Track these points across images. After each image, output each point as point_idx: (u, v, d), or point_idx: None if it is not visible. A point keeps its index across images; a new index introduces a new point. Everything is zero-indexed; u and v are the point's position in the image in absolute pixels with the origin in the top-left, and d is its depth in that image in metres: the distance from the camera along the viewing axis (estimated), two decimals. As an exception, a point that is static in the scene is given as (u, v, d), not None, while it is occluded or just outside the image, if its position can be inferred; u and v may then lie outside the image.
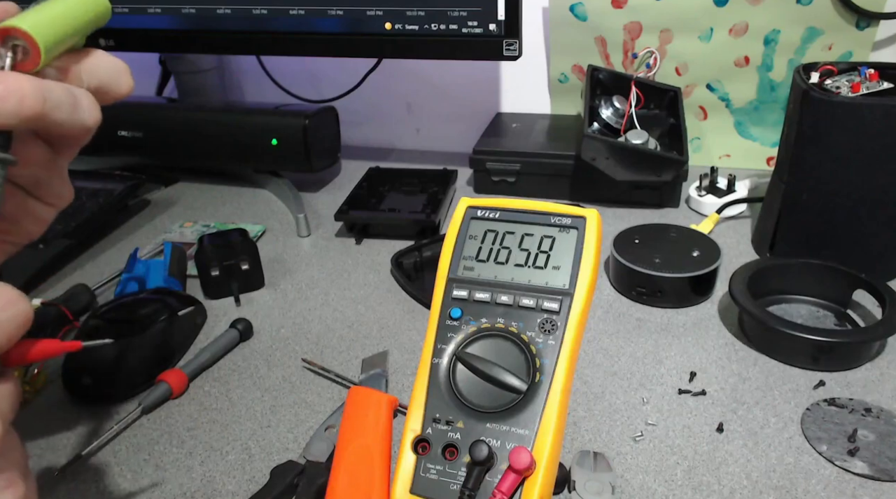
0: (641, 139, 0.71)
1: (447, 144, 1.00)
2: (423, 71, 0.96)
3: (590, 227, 0.38)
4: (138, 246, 0.71)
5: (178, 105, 0.91)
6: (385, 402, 0.46)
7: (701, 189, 0.77)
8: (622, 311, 0.60)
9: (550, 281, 0.37)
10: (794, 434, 0.46)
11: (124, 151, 0.88)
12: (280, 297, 0.64)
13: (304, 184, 0.87)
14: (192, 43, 0.83)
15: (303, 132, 0.80)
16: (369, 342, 0.57)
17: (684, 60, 0.84)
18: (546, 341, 0.36)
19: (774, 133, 0.85)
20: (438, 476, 0.34)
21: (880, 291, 0.54)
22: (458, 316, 0.38)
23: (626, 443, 0.46)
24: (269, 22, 0.77)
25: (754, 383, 0.51)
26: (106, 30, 0.83)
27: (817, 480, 0.42)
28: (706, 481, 0.43)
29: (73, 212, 0.73)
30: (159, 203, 0.85)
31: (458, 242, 0.39)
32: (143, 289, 0.61)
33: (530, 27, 0.88)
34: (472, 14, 0.71)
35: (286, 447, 0.47)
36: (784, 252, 0.64)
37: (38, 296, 0.64)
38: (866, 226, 0.59)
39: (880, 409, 0.47)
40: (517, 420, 0.34)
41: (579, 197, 0.79)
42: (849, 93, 0.58)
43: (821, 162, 0.59)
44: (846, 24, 0.77)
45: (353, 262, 0.70)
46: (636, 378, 0.52)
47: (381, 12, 0.74)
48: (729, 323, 0.58)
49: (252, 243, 0.65)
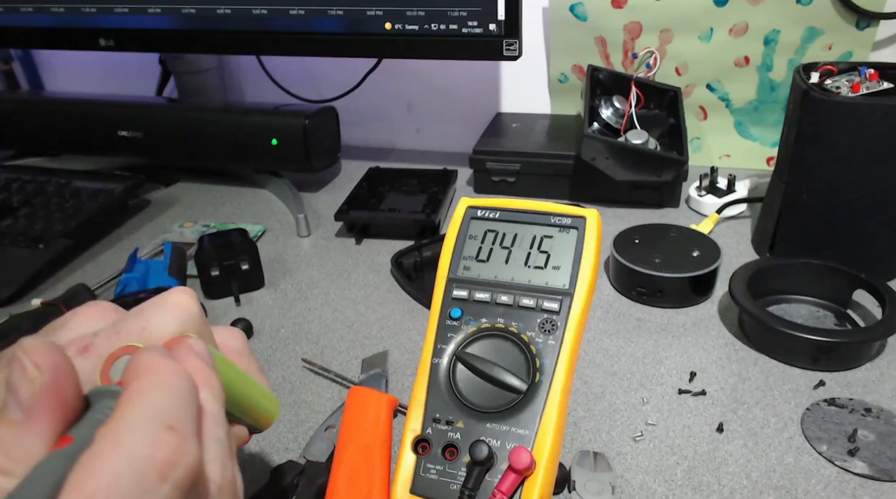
0: (641, 139, 0.71)
1: (447, 144, 1.00)
2: (423, 71, 0.96)
3: (590, 227, 0.38)
4: (138, 246, 0.71)
5: (178, 105, 0.91)
6: (385, 402, 0.46)
7: (701, 189, 0.77)
8: (622, 311, 0.60)
9: (550, 281, 0.37)
10: (794, 434, 0.46)
11: (124, 151, 0.88)
12: (280, 297, 0.64)
13: (304, 184, 0.88)
14: (192, 43, 0.83)
15: (303, 132, 0.80)
16: (369, 342, 0.57)
17: (684, 60, 0.84)
18: (546, 341, 0.36)
19: (774, 133, 0.85)
20: (438, 476, 0.34)
21: (880, 291, 0.54)
22: (458, 316, 0.38)
23: (626, 443, 0.46)
24: (269, 22, 0.77)
25: (754, 383, 0.51)
26: (106, 30, 0.83)
27: (817, 480, 0.42)
28: (706, 481, 0.43)
29: (73, 212, 0.73)
30: (159, 203, 0.85)
31: (458, 242, 0.39)
32: (143, 289, 0.61)
33: (530, 27, 0.88)
34: (472, 14, 0.71)
35: (286, 447, 0.47)
36: (784, 252, 0.64)
37: (38, 296, 0.64)
38: (866, 226, 0.59)
39: (880, 409, 0.47)
40: (517, 420, 0.34)
41: (579, 197, 0.79)
42: (849, 93, 0.58)
43: (821, 162, 0.59)
44: (846, 24, 0.77)
45: (353, 262, 0.70)
46: (636, 378, 0.52)
47: (381, 12, 0.74)
48: (729, 323, 0.58)
49: (252, 243, 0.65)
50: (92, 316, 0.28)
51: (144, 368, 0.22)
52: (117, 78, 1.07)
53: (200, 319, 0.28)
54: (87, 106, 0.90)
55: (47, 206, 0.75)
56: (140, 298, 0.58)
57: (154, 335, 0.26)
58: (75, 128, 0.90)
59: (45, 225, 0.71)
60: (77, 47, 0.86)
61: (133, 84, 1.03)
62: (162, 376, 0.22)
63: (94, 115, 0.89)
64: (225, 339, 0.32)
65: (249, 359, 0.33)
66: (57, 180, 0.80)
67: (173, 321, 0.27)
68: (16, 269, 0.66)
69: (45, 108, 0.92)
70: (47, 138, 0.92)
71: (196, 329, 0.28)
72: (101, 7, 0.82)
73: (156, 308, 0.27)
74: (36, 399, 0.21)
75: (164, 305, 0.27)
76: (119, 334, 0.26)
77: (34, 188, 0.79)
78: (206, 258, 0.63)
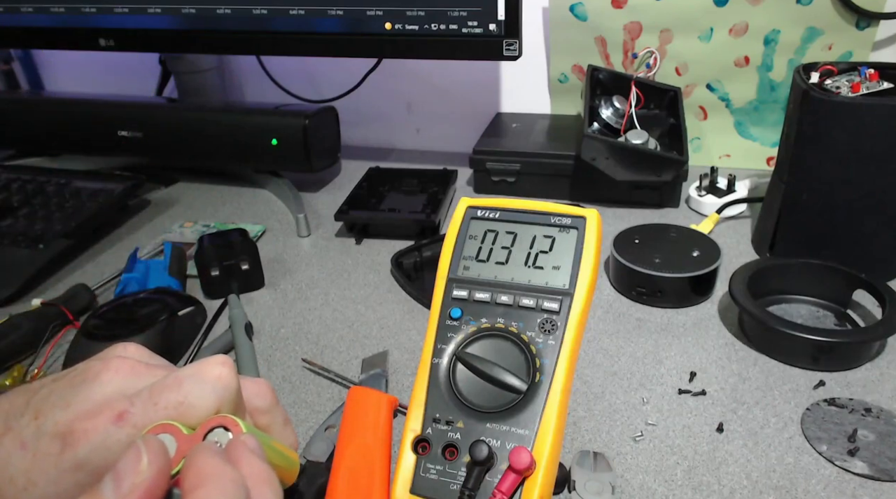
0: (641, 139, 0.71)
1: (447, 144, 1.00)
2: (423, 71, 0.96)
3: (590, 227, 0.38)
4: (138, 246, 0.71)
5: (178, 105, 0.91)
6: (385, 402, 0.46)
7: (701, 189, 0.77)
8: (622, 311, 0.60)
9: (550, 281, 0.37)
10: (794, 434, 0.46)
11: (124, 151, 0.88)
12: (280, 297, 0.64)
13: (304, 184, 0.88)
14: (192, 43, 0.83)
15: (303, 132, 0.80)
16: (369, 342, 0.57)
17: (684, 60, 0.84)
18: (546, 341, 0.36)
19: (774, 133, 0.85)
20: (438, 476, 0.34)
21: (880, 291, 0.54)
22: (458, 316, 0.38)
23: (626, 443, 0.46)
24: (269, 22, 0.77)
25: (754, 383, 0.51)
26: (106, 30, 0.83)
27: (817, 480, 0.42)
28: (706, 481, 0.43)
29: (73, 212, 0.73)
30: (159, 203, 0.85)
31: (458, 242, 0.39)
32: (143, 289, 0.61)
33: (530, 27, 0.88)
34: (472, 14, 0.71)
35: (286, 447, 0.47)
36: (784, 252, 0.64)
37: (38, 296, 0.64)
38: (866, 226, 0.59)
39: (880, 409, 0.47)
40: (517, 420, 0.34)
41: (579, 197, 0.79)
42: (849, 93, 0.58)
43: (821, 162, 0.59)
44: (846, 24, 0.77)
45: (353, 262, 0.70)
46: (636, 378, 0.52)
47: (381, 12, 0.74)
48: (729, 323, 0.58)
49: (252, 243, 0.65)
50: (125, 371, 0.28)
51: (206, 476, 0.23)
52: (117, 78, 1.07)
53: (238, 393, 0.28)
54: (87, 106, 0.90)
55: (47, 206, 0.75)
56: (140, 298, 0.58)
57: (192, 412, 0.26)
58: (75, 128, 0.90)
59: (45, 225, 0.71)
60: (77, 47, 0.86)
61: (133, 84, 1.03)
62: (221, 484, 0.23)
63: (94, 116, 0.89)
64: (251, 396, 0.32)
65: (275, 412, 0.33)
66: (57, 180, 0.80)
67: (211, 396, 0.27)
68: (16, 269, 0.66)
69: (45, 108, 0.92)
70: (47, 138, 0.92)
71: (233, 404, 0.28)
72: (101, 7, 0.82)
73: (194, 381, 0.27)
74: (133, 494, 0.22)
75: (202, 377, 0.27)
76: (156, 406, 0.26)
77: (34, 188, 0.79)
78: (206, 258, 0.63)
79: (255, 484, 0.24)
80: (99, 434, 0.25)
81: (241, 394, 0.30)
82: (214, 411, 0.27)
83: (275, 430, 0.33)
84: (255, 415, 0.32)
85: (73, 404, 0.26)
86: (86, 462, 0.25)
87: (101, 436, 0.25)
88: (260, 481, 0.25)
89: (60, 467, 0.25)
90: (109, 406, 0.26)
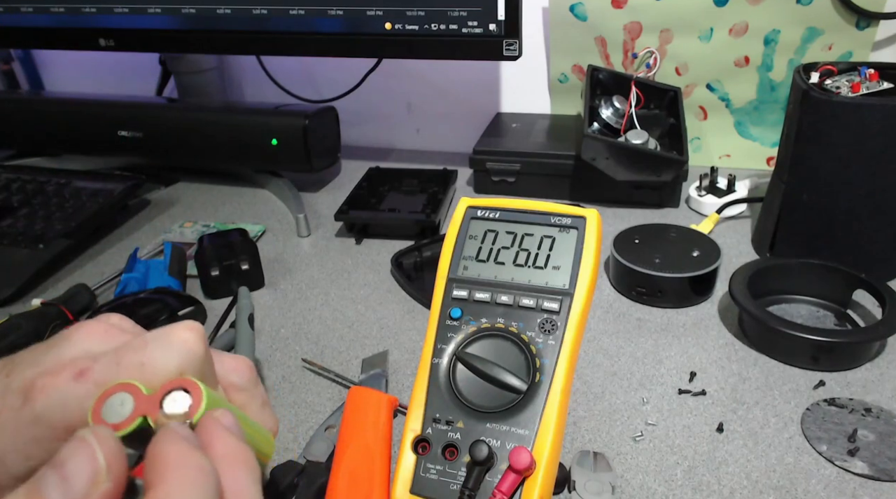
0: (641, 139, 0.71)
1: (447, 144, 1.00)
2: (423, 71, 0.96)
3: (590, 227, 0.38)
4: (138, 246, 0.72)
5: (178, 105, 0.91)
6: (385, 402, 0.46)
7: (701, 189, 0.77)
8: (622, 311, 0.60)
9: (550, 281, 0.37)
10: (794, 434, 0.46)
11: (124, 151, 0.88)
12: (280, 297, 0.64)
13: (304, 184, 0.88)
14: (192, 43, 0.83)
15: (303, 132, 0.80)
16: (369, 342, 0.57)
17: (684, 60, 0.84)
18: (546, 341, 0.36)
19: (774, 133, 0.85)
20: (438, 476, 0.34)
21: (880, 291, 0.54)
22: (458, 316, 0.38)
23: (626, 443, 0.46)
24: (269, 22, 0.77)
25: (754, 383, 0.51)
26: (106, 30, 0.83)
27: (817, 480, 0.42)
28: (706, 481, 0.43)
29: (73, 212, 0.73)
30: (159, 203, 0.85)
31: (458, 242, 0.39)
32: (144, 289, 0.61)
33: (530, 27, 0.88)
34: (472, 14, 0.71)
35: (286, 447, 0.47)
36: (784, 252, 0.64)
37: (38, 296, 0.64)
38: (866, 226, 0.59)
39: (880, 409, 0.47)
40: (517, 420, 0.34)
41: (579, 197, 0.79)
42: (849, 93, 0.58)
43: (821, 162, 0.59)
44: (846, 24, 0.77)
45: (353, 262, 0.70)
46: (636, 378, 0.52)
47: (381, 12, 0.74)
48: (729, 323, 0.58)
49: (252, 243, 0.65)
50: (98, 333, 0.28)
51: (169, 465, 0.22)
52: (117, 78, 1.07)
53: (203, 359, 0.28)
54: (87, 106, 0.90)
55: (47, 206, 0.75)
56: (140, 298, 0.58)
57: (153, 373, 0.26)
58: (75, 128, 0.90)
59: (45, 225, 0.71)
60: (77, 47, 0.86)
61: (133, 84, 1.03)
62: (186, 474, 0.22)
63: (94, 116, 0.89)
64: (227, 371, 0.31)
65: (253, 392, 0.31)
66: (57, 180, 0.80)
67: (174, 360, 0.26)
68: (16, 269, 0.66)
69: (45, 108, 0.92)
70: (47, 138, 0.92)
71: (198, 370, 0.27)
72: (101, 7, 0.82)
73: (159, 343, 0.26)
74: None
75: (168, 340, 0.27)
76: (118, 366, 0.26)
77: (34, 188, 0.79)
78: (206, 258, 0.63)
79: (230, 465, 0.23)
80: (58, 390, 0.25)
81: (211, 363, 0.29)
82: (177, 375, 0.26)
83: (251, 410, 0.31)
84: (230, 391, 0.31)
85: (42, 362, 0.26)
86: (42, 416, 0.25)
87: (60, 392, 0.25)
88: (235, 462, 0.24)
89: (20, 420, 0.25)
90: (73, 364, 0.26)
